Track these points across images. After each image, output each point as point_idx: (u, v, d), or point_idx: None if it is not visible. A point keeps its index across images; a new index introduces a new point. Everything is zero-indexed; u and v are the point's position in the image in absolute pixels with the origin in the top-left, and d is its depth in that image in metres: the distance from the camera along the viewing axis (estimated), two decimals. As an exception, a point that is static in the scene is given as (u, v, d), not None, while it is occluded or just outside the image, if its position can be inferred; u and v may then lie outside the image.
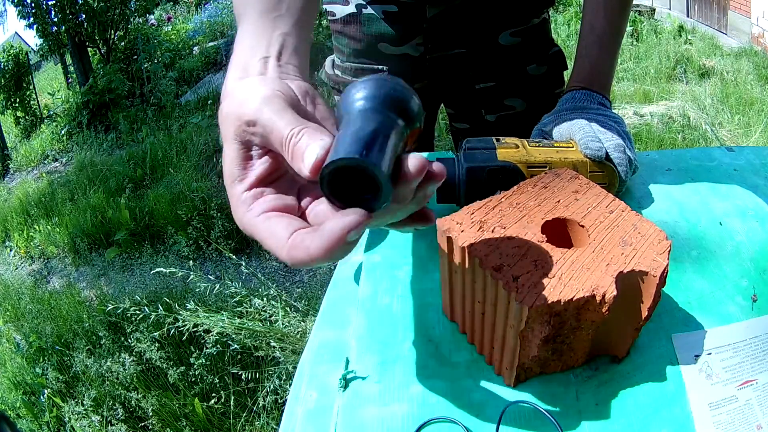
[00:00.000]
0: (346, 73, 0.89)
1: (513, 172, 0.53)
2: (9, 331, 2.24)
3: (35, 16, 5.28)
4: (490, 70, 0.85)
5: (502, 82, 0.85)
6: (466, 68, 0.85)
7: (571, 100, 0.65)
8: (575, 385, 0.40)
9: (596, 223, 0.41)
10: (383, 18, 0.81)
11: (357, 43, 0.85)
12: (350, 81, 0.87)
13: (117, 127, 4.53)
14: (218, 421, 1.55)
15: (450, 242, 0.41)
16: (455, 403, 0.40)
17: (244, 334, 1.56)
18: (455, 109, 0.93)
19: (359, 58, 0.86)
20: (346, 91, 0.32)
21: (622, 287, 0.37)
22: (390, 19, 0.81)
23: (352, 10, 0.82)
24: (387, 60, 0.84)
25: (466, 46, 0.83)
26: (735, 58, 3.98)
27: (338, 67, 0.90)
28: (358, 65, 0.87)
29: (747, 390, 0.38)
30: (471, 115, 0.91)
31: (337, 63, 0.90)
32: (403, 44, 0.83)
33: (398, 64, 0.84)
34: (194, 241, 2.59)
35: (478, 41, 0.83)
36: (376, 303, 0.49)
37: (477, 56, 0.84)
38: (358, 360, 0.44)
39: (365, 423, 0.39)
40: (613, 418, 0.38)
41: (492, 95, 0.87)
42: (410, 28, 0.81)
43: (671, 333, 0.43)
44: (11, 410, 1.78)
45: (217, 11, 6.87)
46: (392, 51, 0.83)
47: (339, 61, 0.90)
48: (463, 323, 0.44)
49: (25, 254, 3.12)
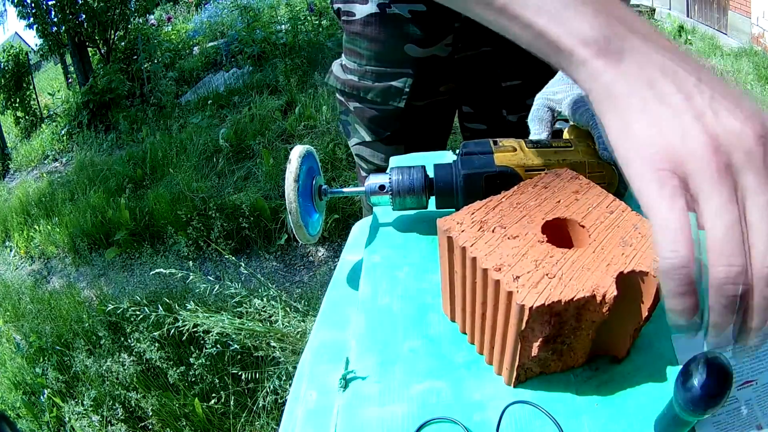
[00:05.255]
0: (365, 77, 0.84)
1: (511, 177, 0.53)
2: (9, 331, 2.24)
3: (35, 16, 5.28)
4: (517, 68, 0.82)
5: (529, 80, 0.82)
6: (493, 66, 0.82)
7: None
8: (575, 385, 0.40)
9: (597, 223, 0.41)
10: (410, 18, 0.76)
11: (379, 45, 0.80)
12: (371, 86, 0.84)
13: (117, 127, 4.53)
14: (218, 421, 1.55)
15: (450, 242, 0.41)
16: (455, 403, 0.40)
17: (243, 334, 1.57)
18: (475, 108, 0.90)
19: (381, 62, 0.82)
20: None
21: (622, 287, 0.37)
22: (419, 18, 0.76)
23: (374, 10, 0.78)
24: (413, 63, 0.80)
25: (494, 44, 0.80)
26: (735, 59, 3.98)
27: (354, 71, 0.85)
28: (380, 69, 0.82)
29: (747, 390, 0.38)
30: (491, 116, 0.88)
31: (353, 67, 0.85)
32: (433, 45, 0.79)
33: (425, 67, 0.80)
34: (194, 242, 2.60)
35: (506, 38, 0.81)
36: (376, 303, 0.49)
37: (504, 53, 0.81)
38: (358, 360, 0.44)
39: (365, 423, 0.39)
40: (613, 418, 0.38)
41: (517, 94, 0.84)
42: (441, 28, 0.78)
43: (671, 333, 0.43)
44: (11, 410, 1.78)
45: (217, 11, 6.87)
46: (419, 53, 0.79)
47: (355, 65, 0.85)
48: (463, 323, 0.44)
49: (25, 254, 3.12)
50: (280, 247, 2.56)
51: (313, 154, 0.58)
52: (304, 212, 0.54)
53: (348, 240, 0.66)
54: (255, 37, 5.19)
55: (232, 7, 6.13)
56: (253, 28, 5.35)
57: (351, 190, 0.60)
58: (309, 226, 0.56)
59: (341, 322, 0.52)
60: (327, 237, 2.53)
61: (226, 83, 4.98)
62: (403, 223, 0.60)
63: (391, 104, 0.84)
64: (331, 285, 0.60)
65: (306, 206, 0.55)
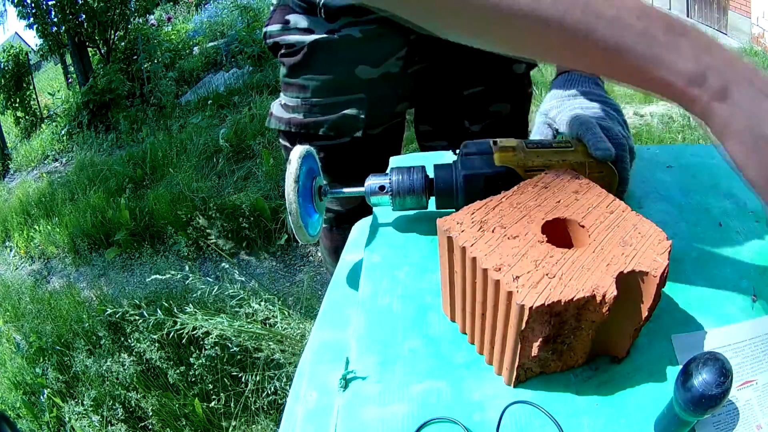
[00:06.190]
0: (312, 112, 0.79)
1: (511, 177, 0.52)
2: (9, 331, 2.24)
3: (35, 16, 5.28)
4: (479, 74, 0.81)
5: (491, 85, 0.82)
6: (452, 75, 0.81)
7: (567, 82, 0.62)
8: (575, 385, 0.40)
9: (596, 223, 0.41)
10: (361, 38, 0.75)
11: (327, 73, 0.76)
12: (321, 120, 0.79)
13: (117, 127, 4.53)
14: (218, 421, 1.55)
15: (450, 242, 0.41)
16: (455, 403, 0.40)
17: (243, 336, 1.57)
18: (434, 125, 0.87)
19: (330, 91, 0.78)
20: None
21: (622, 287, 0.37)
22: (370, 37, 0.75)
23: (320, 37, 0.75)
24: (365, 86, 0.77)
25: (451, 52, 0.77)
26: (735, 59, 3.97)
27: (298, 108, 0.80)
28: (329, 100, 0.78)
29: (747, 390, 0.38)
30: (452, 129, 0.85)
31: (295, 104, 0.80)
32: (383, 62, 0.77)
33: (378, 88, 0.77)
34: (194, 242, 2.60)
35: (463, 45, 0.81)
36: (376, 303, 0.49)
37: (464, 60, 0.79)
38: (358, 360, 0.44)
39: (365, 423, 0.39)
40: (613, 418, 0.38)
41: (479, 101, 0.83)
42: (395, 43, 0.76)
43: (671, 333, 0.43)
44: (11, 410, 1.78)
45: (217, 11, 6.87)
46: (372, 74, 0.77)
47: (298, 102, 0.80)
48: (463, 323, 0.44)
49: (25, 254, 3.13)
50: (280, 247, 2.56)
51: (313, 155, 0.58)
52: (304, 212, 0.54)
53: (348, 240, 0.66)
54: (255, 37, 5.20)
55: (232, 7, 6.14)
56: (253, 28, 5.35)
57: (351, 190, 0.60)
58: (309, 226, 0.56)
59: (341, 322, 0.52)
60: (327, 237, 2.53)
61: (226, 83, 4.99)
62: (403, 223, 0.60)
63: (345, 138, 0.79)
64: (331, 285, 0.60)
65: (306, 206, 0.56)
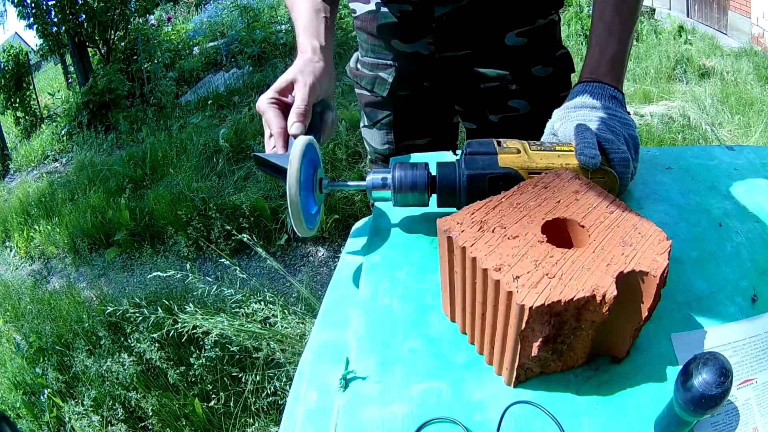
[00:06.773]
0: (364, 67, 0.95)
1: (514, 179, 0.52)
2: (9, 331, 2.24)
3: (35, 16, 5.28)
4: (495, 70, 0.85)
5: (506, 82, 0.85)
6: (472, 68, 0.86)
7: (580, 93, 0.63)
8: (575, 385, 0.40)
9: (596, 224, 0.41)
10: (397, 16, 0.85)
11: (374, 39, 0.90)
12: (364, 74, 0.94)
13: (117, 128, 4.53)
14: (218, 421, 1.55)
15: (450, 242, 0.41)
16: (455, 403, 0.40)
17: (243, 336, 1.56)
18: (464, 107, 0.94)
19: (376, 53, 0.92)
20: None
21: (622, 287, 0.37)
22: (402, 17, 0.84)
23: (371, 8, 0.87)
24: (399, 57, 0.89)
25: (473, 47, 0.84)
26: (735, 59, 3.97)
27: (360, 61, 0.97)
28: (375, 60, 0.92)
29: (746, 389, 0.38)
30: (477, 116, 0.91)
31: (359, 58, 0.97)
32: (413, 42, 0.86)
33: (408, 61, 0.88)
34: (194, 242, 2.60)
35: (484, 42, 0.83)
36: (376, 303, 0.49)
37: (483, 56, 0.84)
38: (358, 360, 0.44)
39: (365, 423, 0.39)
40: (613, 418, 0.38)
41: (496, 96, 0.87)
42: (419, 27, 0.84)
43: (671, 333, 0.43)
44: (11, 410, 1.78)
45: (217, 11, 6.87)
46: (404, 48, 0.87)
47: (358, 56, 0.97)
48: (463, 323, 0.44)
49: (25, 254, 3.12)
50: (280, 247, 2.56)
51: (314, 146, 0.58)
52: (304, 204, 0.54)
53: (348, 240, 0.66)
54: (255, 37, 5.20)
55: (232, 7, 6.14)
56: (253, 28, 5.35)
57: (352, 184, 0.60)
58: (308, 218, 0.56)
59: (341, 322, 0.52)
60: (327, 237, 2.53)
61: (226, 83, 4.99)
62: (404, 223, 0.60)
63: (376, 92, 0.94)
64: (331, 285, 0.60)
65: (306, 198, 0.56)
